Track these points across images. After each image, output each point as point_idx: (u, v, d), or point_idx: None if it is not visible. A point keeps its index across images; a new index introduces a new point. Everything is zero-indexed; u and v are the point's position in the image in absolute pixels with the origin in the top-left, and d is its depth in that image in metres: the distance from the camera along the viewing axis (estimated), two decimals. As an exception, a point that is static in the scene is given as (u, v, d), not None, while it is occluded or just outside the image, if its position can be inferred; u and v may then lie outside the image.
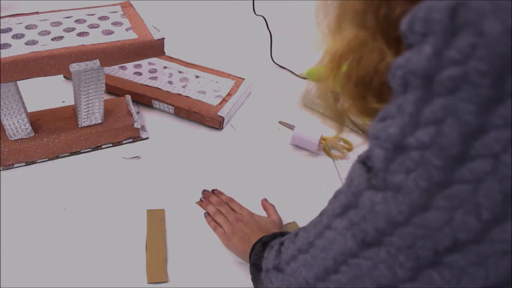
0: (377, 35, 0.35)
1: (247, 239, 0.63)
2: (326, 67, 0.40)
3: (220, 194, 0.74)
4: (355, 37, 0.37)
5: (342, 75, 0.39)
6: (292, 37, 1.20)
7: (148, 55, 0.75)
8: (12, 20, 0.72)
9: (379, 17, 0.35)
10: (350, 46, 0.37)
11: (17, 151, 0.74)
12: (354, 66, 0.37)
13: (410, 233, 0.31)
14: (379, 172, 0.32)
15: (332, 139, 0.88)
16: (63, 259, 0.63)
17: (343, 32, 0.37)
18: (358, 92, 0.39)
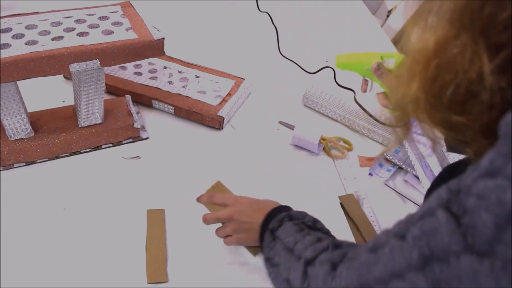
0: (478, 37, 0.31)
1: (251, 227, 0.60)
2: (408, 67, 0.36)
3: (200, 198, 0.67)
4: (450, 36, 0.32)
5: (427, 78, 0.34)
6: (297, 33, 1.20)
7: (148, 55, 0.75)
8: (12, 20, 0.72)
9: (483, 16, 0.30)
10: (442, 45, 0.33)
11: (17, 151, 0.74)
12: (442, 68, 0.33)
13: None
14: (480, 236, 0.28)
15: (332, 139, 0.88)
16: (63, 259, 0.63)
17: (435, 27, 0.33)
18: (439, 99, 0.34)
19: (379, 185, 0.81)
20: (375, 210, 0.76)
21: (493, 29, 0.30)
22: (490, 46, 0.31)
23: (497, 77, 0.30)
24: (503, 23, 0.29)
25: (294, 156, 0.86)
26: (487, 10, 0.30)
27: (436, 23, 0.33)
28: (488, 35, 0.31)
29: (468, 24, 0.31)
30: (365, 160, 0.86)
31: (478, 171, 0.29)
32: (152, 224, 0.69)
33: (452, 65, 0.32)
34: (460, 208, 0.29)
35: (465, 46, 0.31)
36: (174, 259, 0.65)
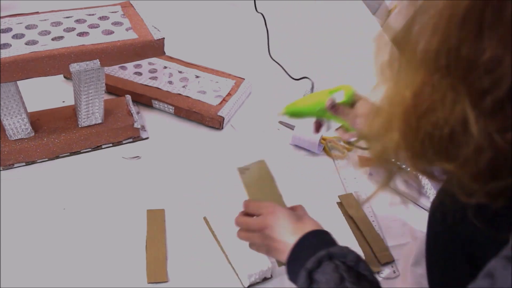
0: (458, 85, 0.28)
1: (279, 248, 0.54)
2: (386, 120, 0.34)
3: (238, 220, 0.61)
4: (426, 84, 0.30)
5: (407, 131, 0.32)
6: (296, 33, 1.20)
7: (148, 55, 0.75)
8: (12, 20, 0.72)
9: (462, 59, 0.28)
10: (418, 94, 0.31)
11: (17, 151, 0.74)
12: (423, 119, 0.31)
13: None
14: None
15: (332, 139, 0.88)
16: (63, 259, 0.63)
17: (409, 75, 0.31)
18: (422, 148, 0.32)
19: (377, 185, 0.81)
20: (375, 210, 0.76)
21: (474, 74, 0.28)
22: (473, 92, 0.29)
23: (483, 123, 0.29)
24: (485, 66, 0.27)
25: (294, 156, 0.86)
26: (466, 53, 0.28)
27: (411, 72, 0.31)
28: (470, 81, 0.28)
29: (447, 70, 0.29)
30: (365, 160, 0.86)
31: None
32: (152, 224, 0.69)
33: (433, 115, 0.31)
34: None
35: (445, 94, 0.30)
36: (174, 259, 0.65)
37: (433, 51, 0.29)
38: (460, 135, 0.30)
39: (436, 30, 0.29)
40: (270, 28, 1.12)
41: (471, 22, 0.28)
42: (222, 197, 0.75)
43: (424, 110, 0.31)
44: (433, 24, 0.29)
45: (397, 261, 0.69)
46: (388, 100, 0.33)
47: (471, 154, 0.29)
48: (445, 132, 0.30)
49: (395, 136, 0.33)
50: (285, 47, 1.14)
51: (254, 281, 0.63)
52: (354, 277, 0.46)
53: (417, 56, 0.30)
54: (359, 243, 0.67)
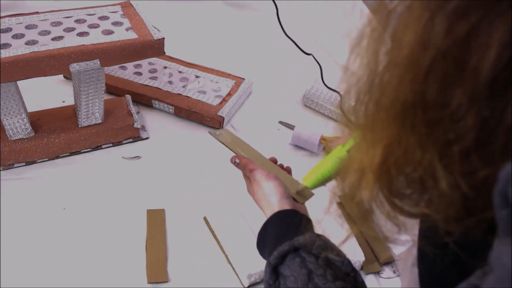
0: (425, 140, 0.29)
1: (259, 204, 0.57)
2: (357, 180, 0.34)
3: None
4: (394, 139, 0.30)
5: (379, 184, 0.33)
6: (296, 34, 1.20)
7: (148, 55, 0.75)
8: (12, 20, 0.72)
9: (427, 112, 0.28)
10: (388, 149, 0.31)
11: (17, 151, 0.74)
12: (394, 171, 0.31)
13: None
14: None
15: (332, 139, 0.88)
16: (63, 259, 0.63)
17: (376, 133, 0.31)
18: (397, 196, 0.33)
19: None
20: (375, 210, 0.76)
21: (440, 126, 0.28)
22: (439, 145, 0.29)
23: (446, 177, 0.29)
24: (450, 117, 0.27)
25: (294, 156, 0.86)
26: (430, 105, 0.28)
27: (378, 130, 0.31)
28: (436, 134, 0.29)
29: (413, 125, 0.29)
30: (365, 160, 0.86)
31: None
32: (152, 224, 0.69)
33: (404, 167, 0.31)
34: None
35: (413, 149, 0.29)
36: (174, 259, 0.65)
37: (397, 107, 0.29)
38: (430, 184, 0.30)
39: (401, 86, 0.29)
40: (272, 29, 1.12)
41: (435, 76, 0.27)
42: (222, 197, 0.75)
43: (394, 165, 0.31)
44: (398, 81, 0.29)
45: (397, 261, 0.69)
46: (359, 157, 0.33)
47: (443, 201, 0.30)
48: (417, 183, 0.31)
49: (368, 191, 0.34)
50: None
51: (254, 281, 0.63)
52: (323, 267, 0.45)
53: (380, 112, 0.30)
54: (359, 243, 0.67)
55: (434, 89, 0.28)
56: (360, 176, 0.34)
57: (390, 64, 0.30)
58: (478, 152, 0.28)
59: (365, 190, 0.34)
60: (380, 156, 0.31)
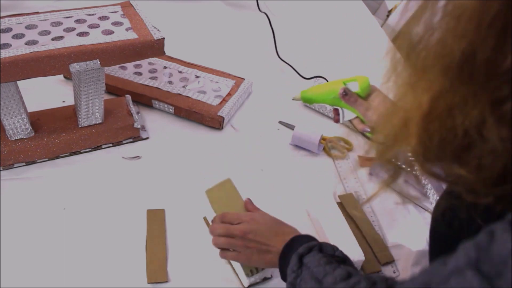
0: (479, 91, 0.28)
1: (266, 249, 0.58)
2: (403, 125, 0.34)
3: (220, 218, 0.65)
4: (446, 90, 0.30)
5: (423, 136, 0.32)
6: (296, 33, 1.20)
7: (148, 55, 0.75)
8: (12, 20, 0.72)
9: (484, 66, 0.28)
10: (436, 101, 0.31)
11: (17, 151, 0.74)
12: (441, 126, 0.31)
13: None
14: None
15: (332, 139, 0.88)
16: (63, 259, 0.63)
17: (427, 82, 0.31)
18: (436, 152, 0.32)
19: (379, 185, 0.81)
20: (375, 210, 0.76)
21: (495, 82, 0.28)
22: (492, 99, 0.29)
23: (497, 130, 0.29)
24: (506, 74, 0.28)
25: (294, 156, 0.86)
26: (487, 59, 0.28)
27: (429, 77, 0.31)
28: (490, 88, 0.29)
29: (468, 78, 0.29)
30: (365, 160, 0.86)
31: None
32: (152, 224, 0.69)
33: (450, 120, 0.31)
34: (491, 270, 0.28)
35: (466, 100, 0.30)
36: (174, 259, 0.65)
37: (457, 60, 0.29)
38: (475, 141, 0.30)
39: (461, 36, 0.29)
40: (266, 28, 1.12)
41: (496, 29, 0.28)
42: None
43: (441, 115, 0.31)
44: (459, 30, 0.29)
45: (397, 261, 0.69)
46: (404, 105, 0.33)
47: (485, 160, 0.29)
48: (461, 137, 0.30)
49: (412, 141, 0.33)
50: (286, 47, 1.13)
51: (254, 281, 0.63)
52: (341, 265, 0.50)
53: (435, 61, 0.30)
54: (359, 243, 0.67)
55: (492, 43, 0.27)
56: (403, 125, 0.33)
57: (453, 12, 0.30)
58: None
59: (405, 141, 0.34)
60: (428, 104, 0.31)
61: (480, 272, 0.28)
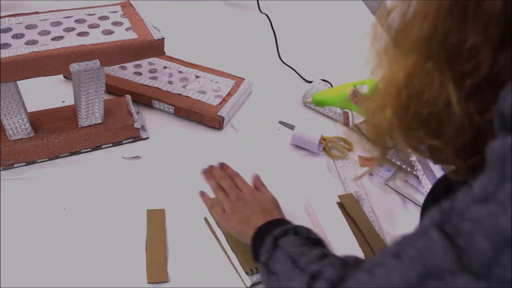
0: (443, 68, 0.32)
1: (247, 220, 0.61)
2: (381, 97, 0.37)
3: (226, 168, 0.70)
4: (417, 66, 0.33)
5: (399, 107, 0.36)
6: (297, 33, 1.20)
7: (148, 55, 0.75)
8: (12, 20, 0.72)
9: (448, 46, 0.31)
10: (410, 76, 0.34)
11: (17, 151, 0.74)
12: (413, 98, 0.34)
13: None
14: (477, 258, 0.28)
15: (332, 139, 0.88)
16: (63, 259, 0.63)
17: (402, 58, 0.34)
18: (412, 126, 0.36)
19: (379, 185, 0.81)
20: (375, 210, 0.76)
21: (458, 59, 0.31)
22: (456, 75, 0.32)
23: (464, 104, 0.32)
24: (468, 53, 0.30)
25: (294, 156, 0.86)
26: (451, 40, 0.31)
27: (404, 56, 0.34)
28: (454, 65, 0.32)
29: (434, 55, 0.32)
30: (365, 160, 0.86)
31: (470, 196, 0.30)
32: (152, 224, 0.69)
33: (422, 95, 0.34)
34: (453, 229, 0.30)
35: (433, 76, 0.32)
36: (174, 259, 0.65)
37: (424, 38, 0.32)
38: (445, 115, 0.33)
39: (426, 19, 0.32)
40: (266, 27, 1.12)
41: (456, 13, 0.31)
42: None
43: (414, 90, 0.34)
44: (424, 13, 0.32)
45: (397, 261, 0.69)
46: (383, 81, 0.36)
47: (454, 132, 0.32)
48: (432, 111, 0.34)
49: (388, 113, 0.37)
50: (287, 49, 1.13)
51: (256, 280, 0.63)
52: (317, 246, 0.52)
53: (409, 42, 0.34)
54: (359, 243, 0.67)
55: (455, 26, 0.31)
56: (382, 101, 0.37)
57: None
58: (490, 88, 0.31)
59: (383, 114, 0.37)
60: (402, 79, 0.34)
61: (442, 231, 0.31)
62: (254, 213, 0.62)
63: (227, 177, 0.68)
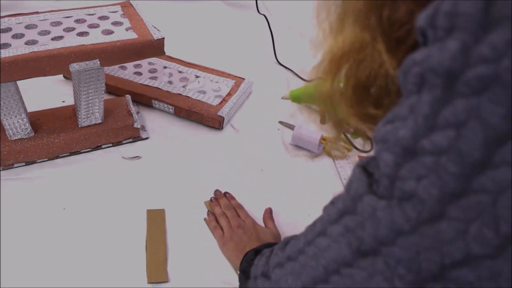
0: (378, 37, 0.33)
1: (243, 247, 0.63)
2: (325, 68, 0.38)
3: (231, 199, 0.73)
4: (356, 38, 0.34)
5: (341, 78, 0.37)
6: (296, 33, 1.20)
7: (148, 55, 0.75)
8: (12, 20, 0.72)
9: (382, 18, 0.32)
10: (350, 47, 0.35)
11: (17, 151, 0.74)
12: (354, 68, 0.35)
13: (415, 244, 0.28)
14: (383, 178, 0.30)
15: (333, 139, 0.88)
16: (63, 259, 0.63)
17: (344, 32, 0.35)
18: (356, 96, 0.37)
19: None
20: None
21: (391, 28, 0.32)
22: (390, 44, 0.33)
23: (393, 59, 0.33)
24: (399, 21, 0.31)
25: (294, 156, 0.86)
26: (385, 13, 0.32)
27: (346, 26, 0.35)
28: (387, 34, 0.32)
29: (370, 27, 0.33)
30: (365, 160, 0.86)
31: (382, 121, 0.31)
32: (152, 224, 0.69)
33: (362, 65, 0.34)
34: (374, 167, 0.32)
35: (370, 46, 0.33)
36: (174, 259, 0.65)
37: (362, 11, 0.33)
38: (383, 83, 0.34)
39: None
40: (266, 27, 1.12)
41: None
42: (222, 197, 0.75)
43: (355, 61, 0.35)
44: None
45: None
46: (329, 50, 0.37)
47: (394, 100, 0.33)
48: (373, 81, 0.35)
49: (329, 82, 0.38)
50: (288, 48, 1.14)
51: None
52: None
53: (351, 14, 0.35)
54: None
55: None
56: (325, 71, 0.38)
57: None
58: None
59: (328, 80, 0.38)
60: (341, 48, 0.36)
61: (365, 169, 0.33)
62: (251, 241, 0.63)
63: (232, 208, 0.71)
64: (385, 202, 0.30)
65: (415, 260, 0.29)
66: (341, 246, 0.33)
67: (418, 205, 0.27)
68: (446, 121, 0.26)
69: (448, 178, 0.26)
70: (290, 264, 0.40)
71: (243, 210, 0.71)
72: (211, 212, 0.71)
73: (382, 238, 0.30)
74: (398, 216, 0.29)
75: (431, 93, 0.26)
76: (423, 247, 0.28)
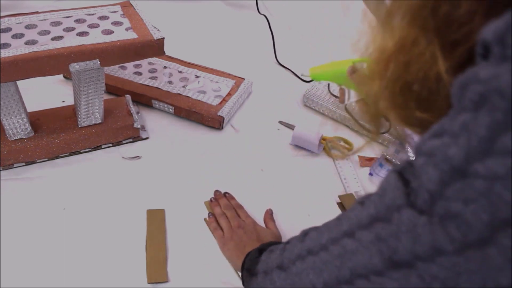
0: (433, 37, 0.31)
1: (243, 247, 0.63)
2: (372, 66, 0.37)
3: (231, 199, 0.74)
4: (407, 36, 0.33)
5: (388, 78, 0.35)
6: (296, 33, 1.20)
7: (148, 55, 0.75)
8: (12, 20, 0.72)
9: (438, 15, 0.31)
10: (400, 46, 0.33)
11: (17, 151, 0.74)
12: (402, 68, 0.34)
13: (457, 265, 0.27)
14: (423, 192, 0.29)
15: (332, 139, 0.88)
16: (63, 259, 0.63)
17: (394, 29, 0.34)
18: (402, 98, 0.35)
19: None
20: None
21: (448, 28, 0.30)
22: (445, 45, 0.31)
23: (453, 75, 0.31)
24: (458, 20, 0.30)
25: (294, 156, 0.86)
26: (442, 10, 0.30)
27: (396, 24, 0.34)
28: (443, 35, 0.31)
29: (424, 25, 0.31)
30: (365, 160, 0.86)
31: (428, 133, 0.30)
32: (152, 224, 0.69)
33: (411, 66, 0.33)
34: (411, 174, 0.31)
35: (422, 46, 0.32)
36: (174, 259, 0.65)
37: (415, 11, 0.32)
38: (434, 86, 0.32)
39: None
40: (266, 27, 1.12)
41: None
42: (222, 197, 0.75)
43: (403, 61, 0.33)
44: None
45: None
46: (374, 53, 0.36)
47: (444, 104, 0.31)
48: (422, 82, 0.33)
49: (376, 84, 0.36)
50: (288, 48, 1.14)
51: None
52: None
53: (401, 12, 0.33)
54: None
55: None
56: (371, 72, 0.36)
57: None
58: None
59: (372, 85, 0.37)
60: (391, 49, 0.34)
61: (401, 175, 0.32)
62: (251, 241, 0.64)
63: (232, 208, 0.71)
64: (425, 218, 0.28)
65: (454, 280, 0.28)
66: (371, 253, 0.32)
67: (462, 227, 0.26)
68: (505, 148, 0.24)
69: (501, 206, 0.25)
70: (311, 259, 0.40)
71: (243, 210, 0.72)
72: (212, 213, 0.71)
73: (420, 254, 0.29)
74: (440, 235, 0.28)
75: (491, 115, 0.25)
76: (465, 269, 0.27)
